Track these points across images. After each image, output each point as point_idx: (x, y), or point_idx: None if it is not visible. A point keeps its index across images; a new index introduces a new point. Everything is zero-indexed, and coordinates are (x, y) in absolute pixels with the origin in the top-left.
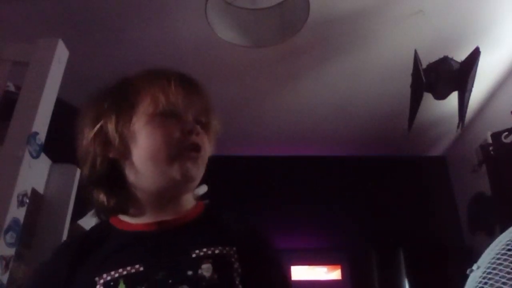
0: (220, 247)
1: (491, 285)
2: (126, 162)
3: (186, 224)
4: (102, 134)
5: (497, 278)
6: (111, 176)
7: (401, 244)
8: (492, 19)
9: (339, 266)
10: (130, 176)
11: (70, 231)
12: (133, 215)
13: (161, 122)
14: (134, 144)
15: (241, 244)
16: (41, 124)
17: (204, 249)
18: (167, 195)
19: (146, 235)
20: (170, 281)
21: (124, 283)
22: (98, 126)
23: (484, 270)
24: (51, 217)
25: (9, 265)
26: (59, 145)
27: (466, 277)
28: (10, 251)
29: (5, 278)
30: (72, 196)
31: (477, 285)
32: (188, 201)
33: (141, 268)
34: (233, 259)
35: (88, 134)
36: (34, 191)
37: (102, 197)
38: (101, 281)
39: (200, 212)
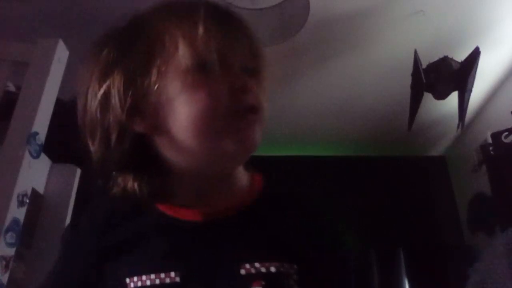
0: (277, 263)
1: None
2: (159, 138)
3: (241, 214)
4: (109, 99)
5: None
6: (139, 156)
7: (401, 244)
8: (492, 19)
9: None
10: (167, 153)
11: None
12: (171, 197)
13: (201, 80)
14: (168, 113)
15: (308, 256)
16: (41, 124)
17: (257, 264)
18: (219, 173)
19: (189, 226)
20: None
21: None
22: (102, 89)
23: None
24: (51, 217)
25: (9, 265)
26: (59, 145)
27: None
28: (10, 251)
29: (5, 278)
30: (72, 196)
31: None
32: (242, 174)
33: (177, 279)
34: (291, 282)
35: (93, 99)
36: (34, 191)
37: (132, 184)
38: (132, 285)
39: (259, 191)
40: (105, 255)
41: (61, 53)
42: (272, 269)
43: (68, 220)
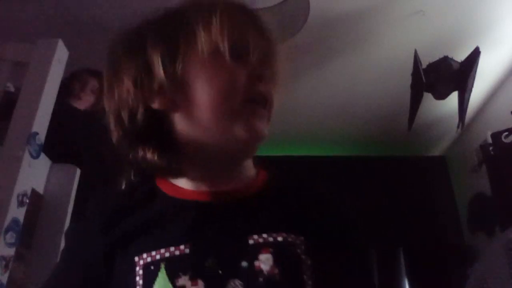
0: (284, 234)
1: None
2: (176, 114)
3: (247, 197)
4: (145, 77)
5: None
6: (159, 131)
7: (401, 244)
8: (492, 19)
9: None
10: (182, 131)
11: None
12: (177, 177)
13: (223, 64)
14: (189, 91)
15: (313, 231)
16: (41, 124)
17: (265, 235)
18: (229, 157)
19: (198, 205)
20: (220, 271)
21: (166, 268)
22: (139, 65)
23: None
24: (51, 217)
25: (9, 265)
26: (59, 145)
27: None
28: (10, 251)
29: (5, 278)
30: (72, 196)
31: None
32: (250, 167)
33: (187, 250)
34: (299, 251)
35: (126, 76)
36: (34, 191)
37: (151, 156)
38: (141, 262)
39: (264, 182)
40: (114, 245)
41: (61, 53)
42: (279, 238)
43: (68, 220)
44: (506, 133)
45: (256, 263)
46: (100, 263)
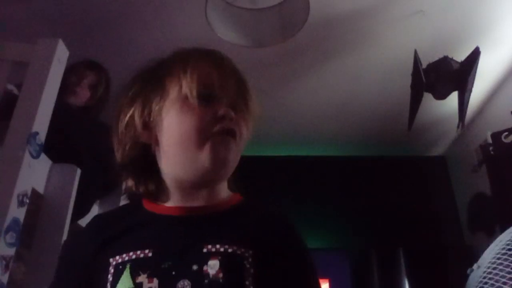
0: (235, 247)
1: (492, 285)
2: (157, 148)
3: (214, 214)
4: (133, 120)
5: (497, 278)
6: (142, 162)
7: (401, 244)
8: (492, 19)
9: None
10: (160, 162)
11: (70, 231)
12: (163, 201)
13: (192, 107)
14: (163, 129)
15: (265, 247)
16: (41, 124)
17: (218, 245)
18: (198, 183)
19: (169, 219)
20: (173, 272)
21: (130, 268)
22: (130, 111)
23: (485, 269)
24: (51, 217)
25: (9, 265)
26: (59, 145)
27: (466, 277)
28: (10, 251)
29: (5, 278)
30: (72, 196)
31: (478, 285)
32: (223, 191)
33: (150, 254)
34: (245, 262)
35: (123, 119)
36: (34, 191)
37: (130, 183)
38: (114, 263)
39: (234, 204)
40: (98, 249)
41: (61, 53)
42: (230, 250)
43: (68, 220)
44: (506, 133)
45: (205, 268)
46: (88, 267)
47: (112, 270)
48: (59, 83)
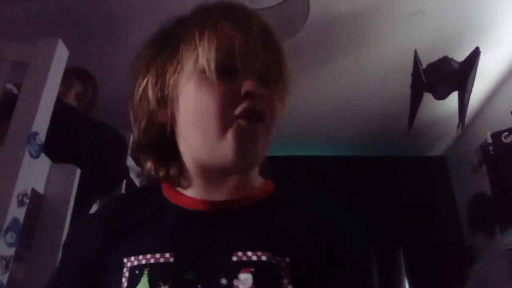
0: (269, 254)
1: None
2: (176, 128)
3: (243, 210)
4: (146, 92)
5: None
6: (162, 142)
7: (401, 244)
8: (492, 19)
9: None
10: (180, 146)
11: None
12: (185, 187)
13: (211, 82)
14: (179, 108)
15: (304, 255)
16: (41, 124)
17: (249, 253)
18: (224, 172)
19: (191, 214)
20: (198, 285)
21: (148, 275)
22: (144, 82)
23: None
24: (51, 217)
25: (9, 265)
26: (59, 145)
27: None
28: (10, 251)
29: (5, 278)
30: (72, 196)
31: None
32: (254, 179)
33: (171, 259)
34: (282, 273)
35: (137, 90)
36: (34, 191)
37: (149, 166)
38: (129, 264)
39: (268, 193)
40: (107, 243)
41: (61, 53)
42: (263, 258)
43: (68, 220)
44: (506, 133)
45: (235, 282)
46: (94, 259)
47: (127, 274)
48: (59, 83)
